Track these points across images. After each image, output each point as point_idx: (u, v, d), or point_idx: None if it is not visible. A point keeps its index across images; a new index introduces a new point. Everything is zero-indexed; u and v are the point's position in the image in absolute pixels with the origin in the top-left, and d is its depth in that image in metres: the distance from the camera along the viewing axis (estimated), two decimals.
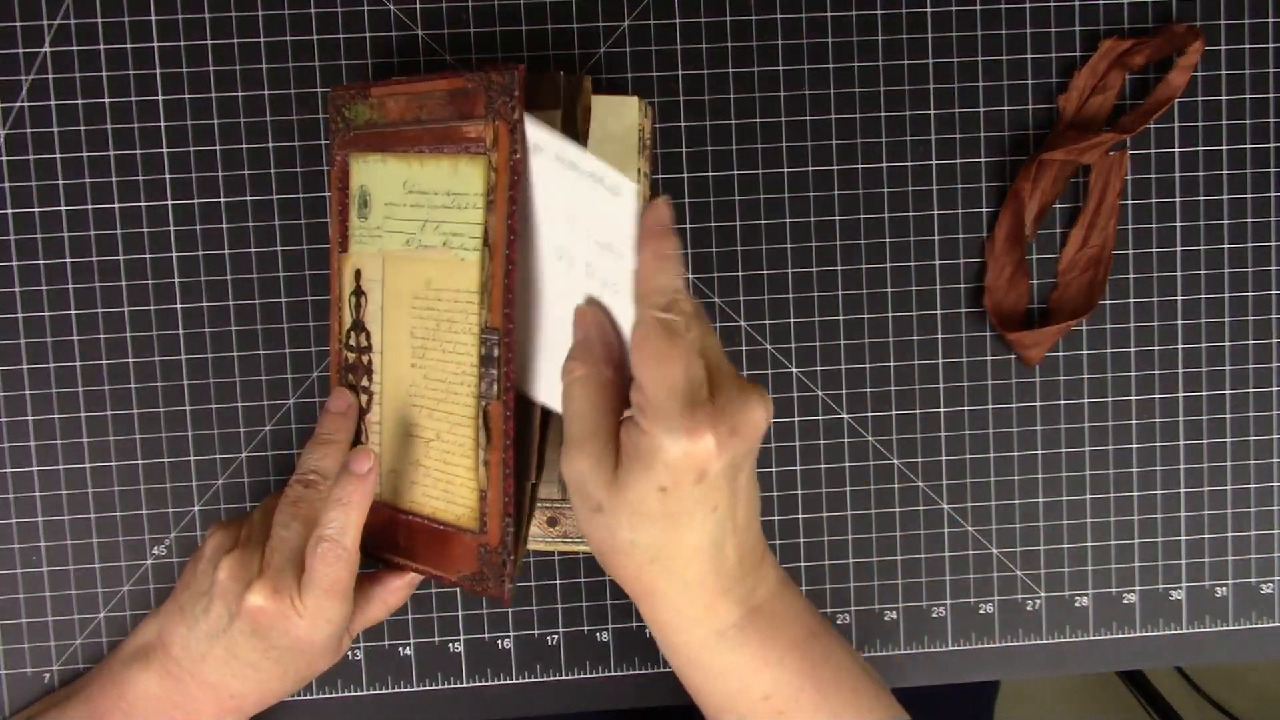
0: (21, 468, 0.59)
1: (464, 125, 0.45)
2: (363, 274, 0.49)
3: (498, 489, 0.45)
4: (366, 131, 0.51)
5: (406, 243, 0.47)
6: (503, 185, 0.44)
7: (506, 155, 0.44)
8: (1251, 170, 0.61)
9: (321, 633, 0.50)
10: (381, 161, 0.48)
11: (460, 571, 0.47)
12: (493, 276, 0.44)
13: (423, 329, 0.47)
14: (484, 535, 0.46)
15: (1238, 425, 0.62)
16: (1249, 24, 0.60)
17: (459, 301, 0.45)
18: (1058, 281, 0.61)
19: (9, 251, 0.58)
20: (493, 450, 0.44)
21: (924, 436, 0.61)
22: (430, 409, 0.47)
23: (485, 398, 0.45)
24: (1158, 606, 0.63)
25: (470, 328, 0.45)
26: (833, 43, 0.59)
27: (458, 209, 0.45)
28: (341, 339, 0.51)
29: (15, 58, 0.57)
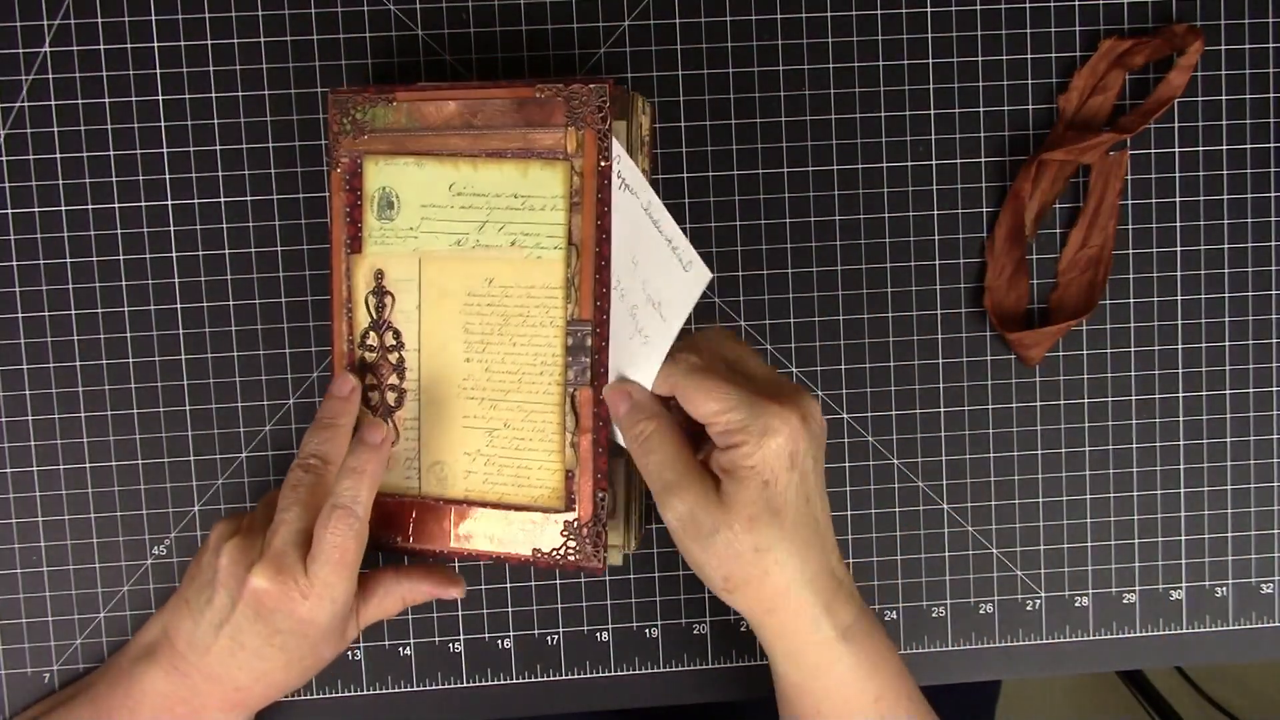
0: (21, 468, 0.59)
1: (535, 132, 0.49)
2: (387, 275, 0.51)
3: (588, 467, 0.49)
4: (391, 133, 0.51)
5: (458, 243, 0.50)
6: (590, 189, 0.48)
7: (595, 162, 0.48)
8: (1251, 170, 0.61)
9: (325, 612, 0.50)
10: (416, 164, 0.50)
11: (539, 551, 0.50)
12: (581, 273, 0.48)
13: (482, 324, 0.50)
14: (571, 513, 0.50)
15: (1238, 425, 0.62)
16: (1249, 24, 0.60)
17: (535, 297, 0.49)
18: (1058, 281, 0.61)
19: (9, 251, 0.58)
20: (582, 432, 0.49)
21: (924, 436, 0.61)
22: (495, 400, 0.50)
23: (574, 384, 0.49)
24: (1158, 606, 0.63)
25: (553, 320, 0.49)
26: (833, 43, 0.59)
27: (529, 210, 0.49)
28: (354, 340, 0.52)
29: (15, 58, 0.57)
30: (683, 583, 0.62)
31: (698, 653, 0.62)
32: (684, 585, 0.61)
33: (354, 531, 0.49)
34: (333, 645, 0.53)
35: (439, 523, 0.52)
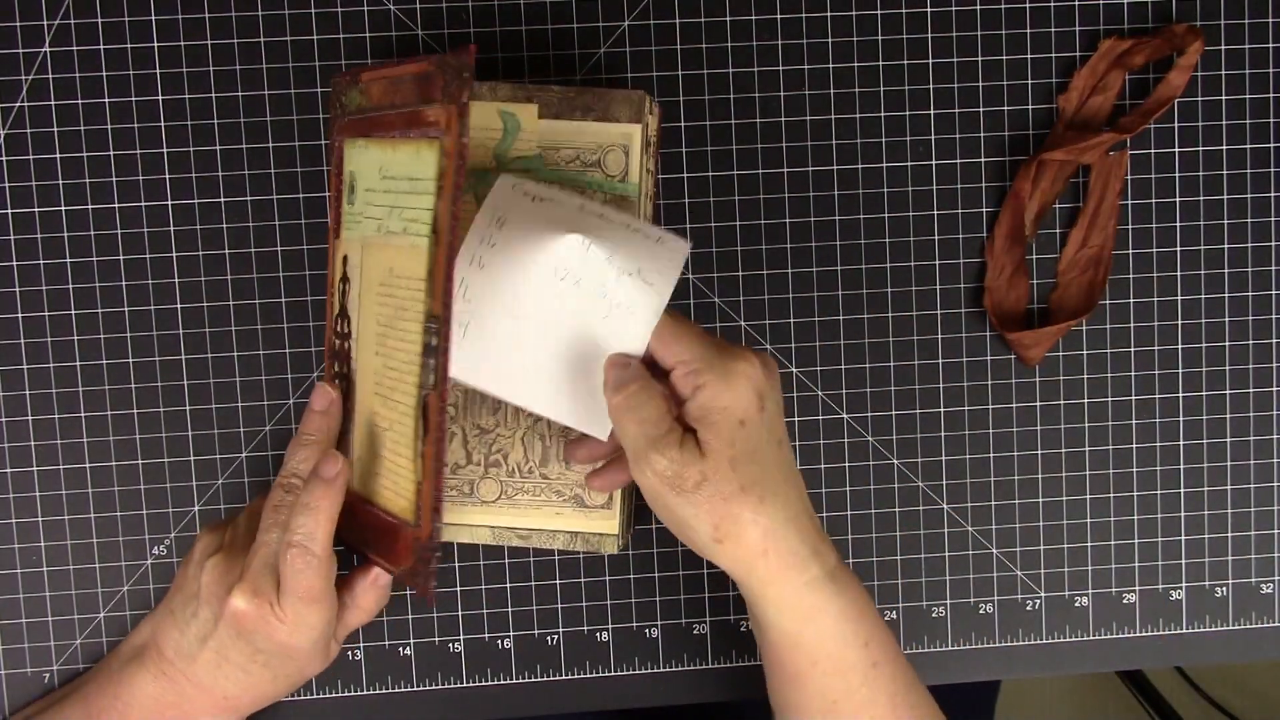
0: (21, 468, 0.59)
1: (426, 109, 0.45)
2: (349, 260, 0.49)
3: (431, 481, 0.44)
4: (357, 117, 0.51)
5: (378, 229, 0.47)
6: (450, 170, 0.43)
7: (455, 140, 0.43)
8: (1251, 170, 0.61)
9: (304, 639, 0.50)
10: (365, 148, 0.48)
11: (402, 565, 0.47)
12: (437, 263, 0.43)
13: (384, 316, 0.46)
14: (418, 529, 0.46)
15: (1238, 425, 0.62)
16: (1249, 24, 0.60)
17: (411, 289, 0.45)
18: (1058, 281, 0.61)
19: (9, 251, 0.58)
20: (428, 442, 0.44)
21: (924, 436, 0.61)
22: (386, 397, 0.47)
23: (424, 388, 0.44)
24: (1158, 606, 0.63)
25: (418, 315, 0.44)
26: (833, 43, 0.59)
27: (415, 194, 0.45)
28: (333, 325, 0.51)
29: (15, 58, 0.57)
30: (683, 583, 0.62)
31: (698, 653, 0.62)
32: (684, 585, 0.62)
33: (312, 568, 0.49)
34: (316, 663, 0.54)
35: (358, 521, 0.51)
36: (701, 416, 0.46)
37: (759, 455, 0.47)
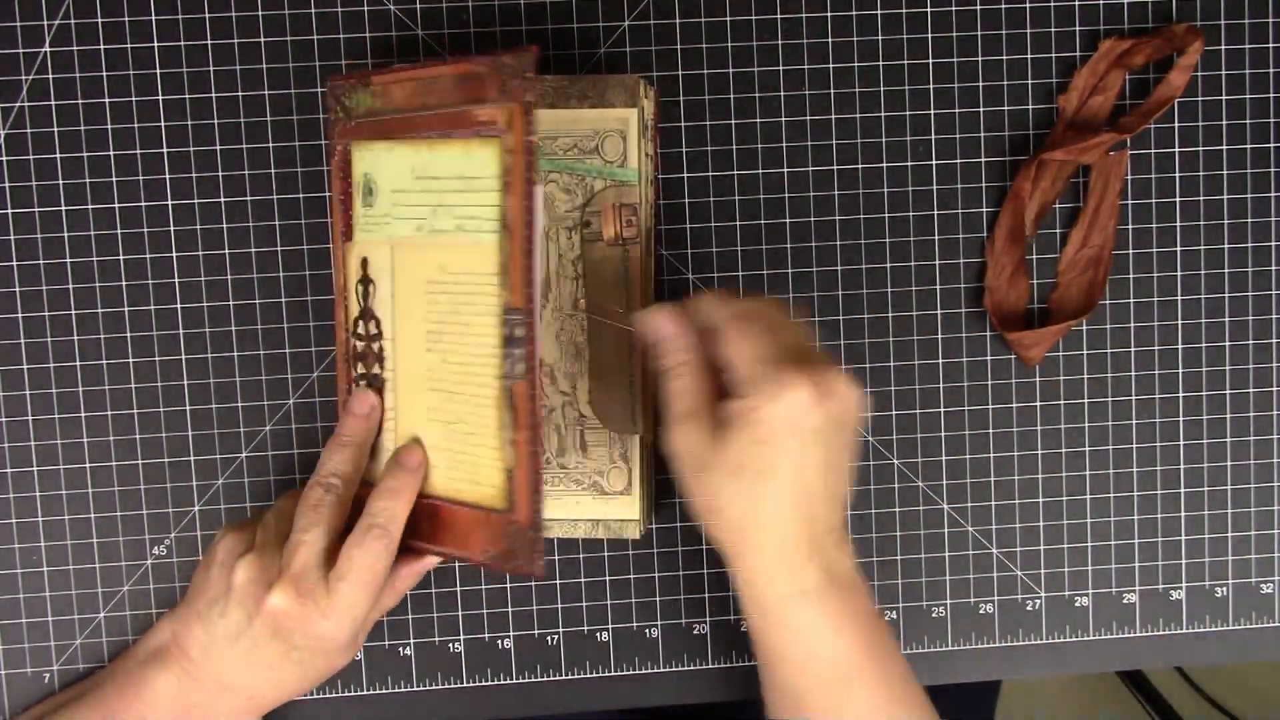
0: (21, 468, 0.59)
1: (474, 109, 0.46)
2: (370, 262, 0.50)
3: (525, 467, 0.45)
4: (369, 120, 0.51)
5: (417, 229, 0.48)
6: (519, 166, 0.44)
7: (521, 137, 0.45)
8: (1251, 170, 0.61)
9: (346, 630, 0.50)
10: (388, 149, 0.49)
11: (487, 551, 0.48)
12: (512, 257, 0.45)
13: (438, 314, 0.47)
14: (512, 514, 0.47)
15: (1238, 425, 0.62)
16: (1249, 24, 0.60)
17: (477, 284, 0.46)
18: (1058, 281, 0.61)
19: (9, 251, 0.58)
20: (519, 429, 0.45)
21: (924, 436, 0.61)
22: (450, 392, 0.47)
23: (510, 378, 0.45)
24: (1158, 606, 0.63)
25: (491, 309, 0.46)
26: (833, 43, 0.59)
27: (471, 192, 0.46)
28: (349, 328, 0.51)
29: (15, 58, 0.57)
30: (683, 582, 0.62)
31: (698, 653, 0.62)
32: (684, 585, 0.61)
33: (388, 552, 0.50)
34: (347, 655, 0.54)
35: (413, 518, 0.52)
36: (729, 420, 0.47)
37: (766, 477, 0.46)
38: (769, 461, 0.46)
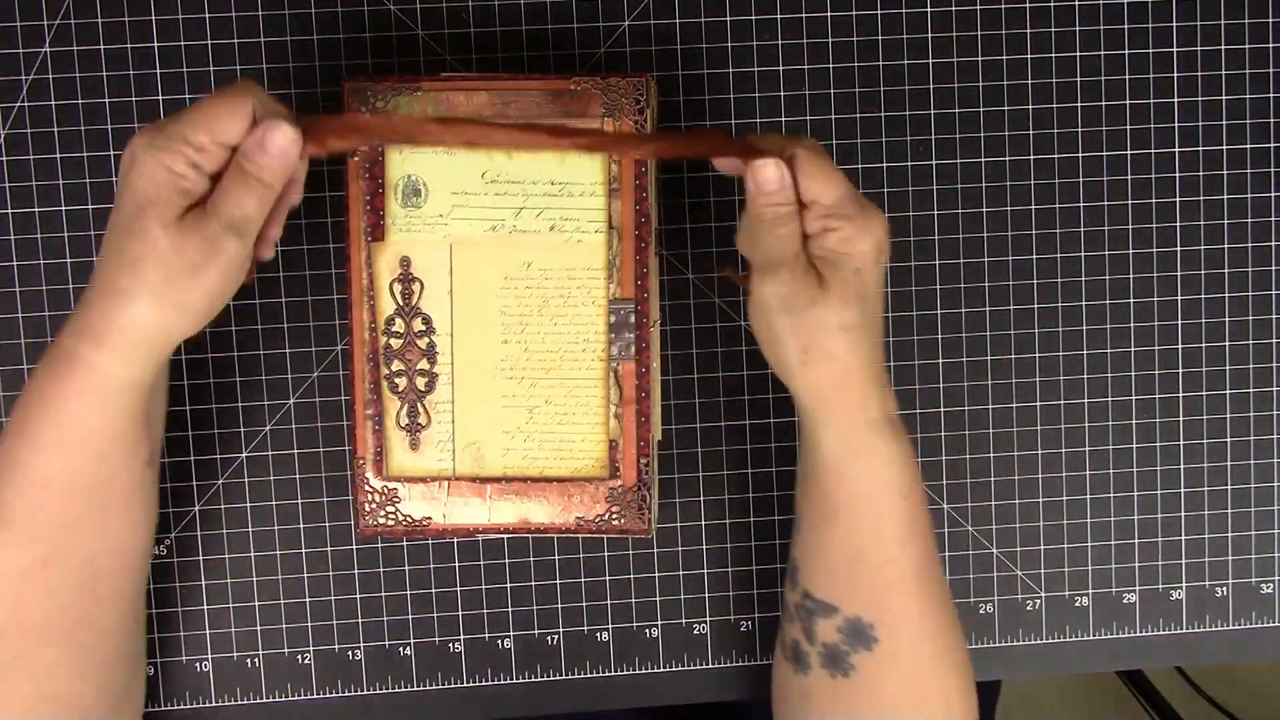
0: None
1: (572, 122, 0.51)
2: (414, 261, 0.53)
3: (631, 437, 0.53)
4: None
5: (493, 229, 0.52)
6: (628, 175, 0.52)
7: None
8: (1251, 170, 0.61)
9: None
10: (446, 152, 0.52)
11: (583, 516, 0.53)
12: (622, 255, 0.52)
13: (520, 306, 0.53)
14: (615, 480, 0.53)
15: (1238, 425, 0.62)
16: (1249, 24, 0.60)
17: (576, 278, 0.52)
18: None
19: (9, 251, 0.58)
20: (625, 404, 0.53)
21: (924, 437, 0.61)
22: (536, 379, 0.53)
23: (617, 359, 0.52)
24: (1158, 606, 0.63)
25: (595, 300, 0.52)
26: (833, 43, 0.59)
27: (568, 195, 0.52)
28: (379, 327, 0.53)
29: (15, 58, 0.57)
30: (683, 583, 0.62)
31: (698, 653, 0.62)
32: (684, 585, 0.62)
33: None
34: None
35: (474, 501, 0.54)
36: (825, 256, 0.49)
37: (866, 301, 0.50)
38: (867, 287, 0.50)
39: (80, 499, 0.49)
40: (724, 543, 0.61)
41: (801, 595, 0.53)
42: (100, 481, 0.49)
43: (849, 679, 0.51)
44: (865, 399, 0.50)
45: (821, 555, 0.52)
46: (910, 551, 0.51)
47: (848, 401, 0.50)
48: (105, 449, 0.49)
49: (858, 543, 0.51)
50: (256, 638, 0.60)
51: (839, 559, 0.51)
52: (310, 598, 0.60)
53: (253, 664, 0.60)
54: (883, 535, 0.51)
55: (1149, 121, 0.61)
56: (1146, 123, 0.61)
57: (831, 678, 0.52)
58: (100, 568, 0.50)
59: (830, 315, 0.49)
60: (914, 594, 0.51)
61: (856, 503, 0.50)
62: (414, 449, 0.54)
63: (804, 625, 0.53)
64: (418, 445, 0.54)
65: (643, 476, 0.53)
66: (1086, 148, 0.61)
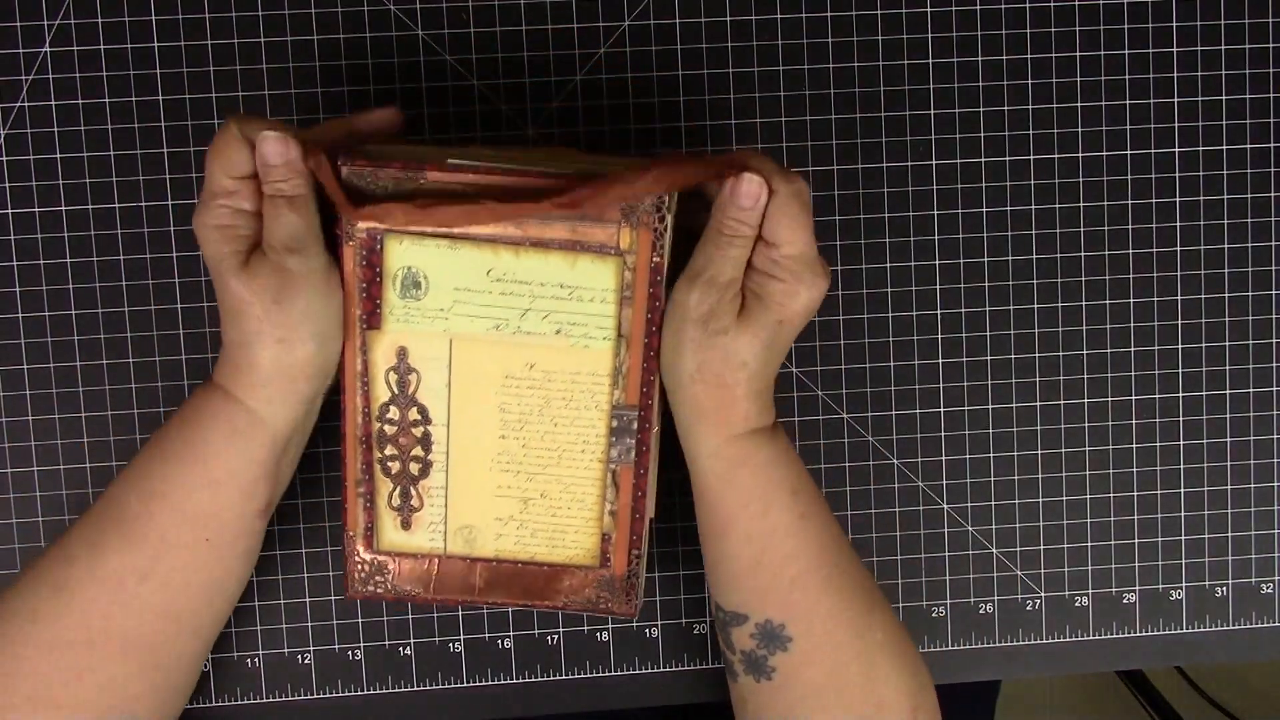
0: (22, 468, 0.59)
1: (586, 226, 0.48)
2: (410, 352, 0.51)
3: (625, 531, 0.53)
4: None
5: (496, 328, 0.50)
6: (642, 284, 0.49)
7: (648, 258, 0.49)
8: (1251, 170, 0.61)
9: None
10: (450, 247, 0.49)
11: (571, 598, 0.54)
12: (629, 362, 0.50)
13: (521, 405, 0.51)
14: (605, 569, 0.53)
15: (1238, 425, 0.62)
16: (1249, 24, 0.60)
17: (579, 382, 0.51)
18: None
19: (9, 251, 0.58)
20: (621, 505, 0.52)
21: (924, 436, 0.61)
22: (532, 474, 0.52)
23: (616, 462, 0.52)
24: (1158, 606, 0.63)
25: (598, 404, 0.51)
26: (833, 43, 0.59)
27: (577, 300, 0.50)
28: (372, 413, 0.51)
29: (15, 58, 0.57)
30: (683, 582, 0.62)
31: (698, 653, 0.62)
32: (684, 585, 0.62)
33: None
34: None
35: (463, 577, 0.54)
36: (762, 296, 0.49)
37: (773, 349, 0.50)
38: (783, 340, 0.50)
39: (187, 523, 0.50)
40: None
41: (714, 608, 0.54)
42: (209, 511, 0.50)
43: (773, 681, 0.52)
44: (745, 415, 0.50)
45: (724, 566, 0.52)
46: (809, 545, 0.51)
47: (726, 417, 0.50)
48: (222, 479, 0.50)
49: (755, 548, 0.51)
50: (257, 638, 0.60)
51: (740, 567, 0.51)
52: (310, 598, 0.60)
53: (253, 664, 0.60)
54: (777, 535, 0.51)
55: (1149, 121, 0.61)
56: (1146, 123, 0.61)
57: (757, 682, 0.53)
58: (190, 599, 0.51)
59: (739, 349, 0.49)
60: (819, 585, 0.51)
61: (747, 509, 0.51)
62: (405, 528, 0.53)
63: (723, 636, 0.54)
64: (409, 525, 0.53)
65: (633, 566, 0.53)
66: (1086, 148, 0.61)
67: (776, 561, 0.51)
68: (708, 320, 0.49)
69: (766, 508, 0.51)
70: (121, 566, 0.50)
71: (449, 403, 0.52)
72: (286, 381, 0.49)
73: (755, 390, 0.50)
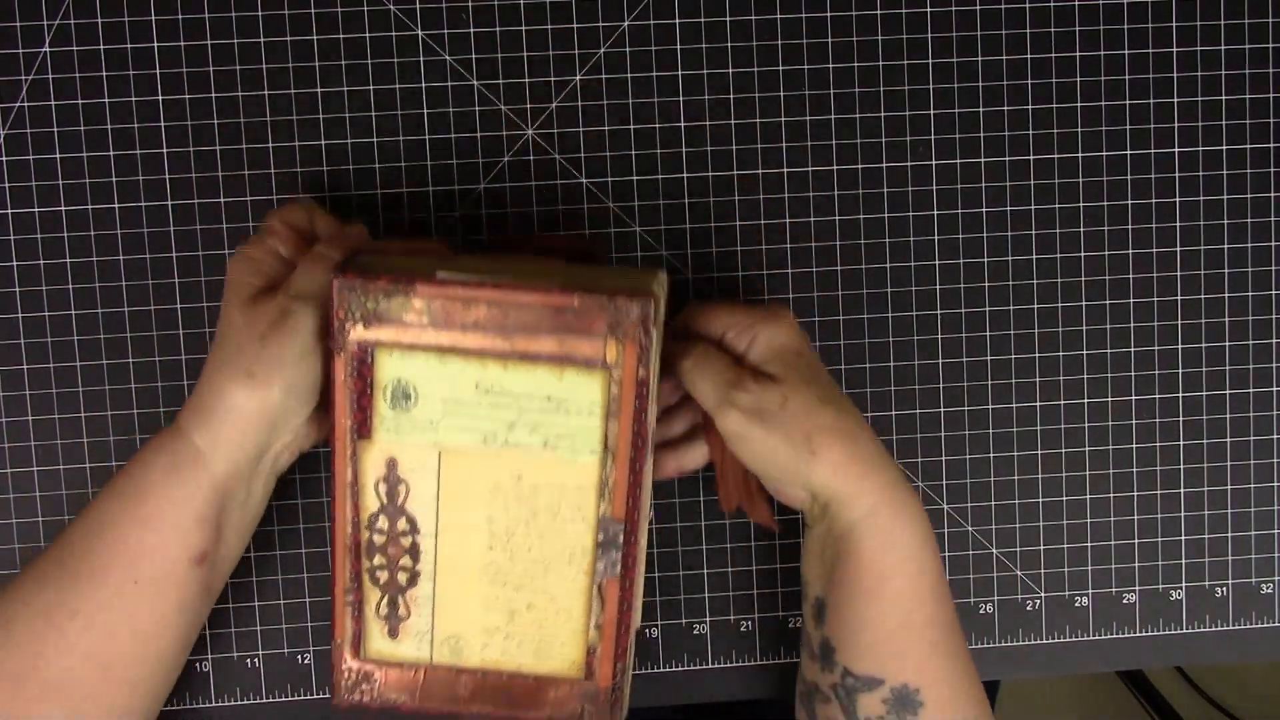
0: (21, 468, 0.59)
1: (573, 339, 0.48)
2: (400, 463, 0.51)
3: (610, 644, 0.52)
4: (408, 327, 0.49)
5: (484, 440, 0.50)
6: (628, 398, 0.49)
7: (634, 371, 0.49)
8: (1251, 170, 0.61)
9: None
10: (439, 360, 0.49)
11: (555, 710, 0.54)
12: (615, 476, 0.50)
13: (508, 517, 0.51)
14: (590, 681, 0.53)
15: (1238, 425, 0.62)
16: (1249, 24, 0.60)
17: (566, 495, 0.51)
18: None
19: (9, 251, 0.58)
20: (606, 616, 0.52)
21: (924, 436, 0.61)
22: (519, 585, 0.52)
23: (602, 575, 0.52)
24: (1158, 606, 0.63)
25: (584, 517, 0.51)
26: (832, 43, 0.59)
27: (564, 414, 0.49)
28: (361, 522, 0.52)
29: (15, 58, 0.57)
30: (683, 582, 0.62)
31: (698, 653, 0.62)
32: (684, 585, 0.62)
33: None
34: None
35: (449, 687, 0.54)
36: (765, 356, 0.51)
37: (820, 376, 0.52)
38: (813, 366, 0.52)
39: (116, 561, 0.50)
40: (724, 543, 0.61)
41: (840, 674, 0.52)
42: (138, 551, 0.50)
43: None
44: (882, 465, 0.51)
45: (866, 630, 0.51)
46: (946, 608, 0.52)
47: (864, 472, 0.50)
48: (154, 516, 0.49)
49: (904, 609, 0.50)
50: (256, 638, 0.60)
51: (884, 630, 0.50)
52: (310, 598, 0.60)
53: (253, 664, 0.60)
54: (926, 595, 0.51)
55: (1149, 121, 0.61)
56: (1146, 123, 0.61)
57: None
58: (118, 645, 0.50)
59: (805, 394, 0.50)
60: (952, 652, 0.51)
61: (901, 569, 0.50)
62: (392, 636, 0.53)
63: (843, 705, 0.52)
64: (396, 634, 0.53)
65: (618, 679, 0.53)
66: (1086, 148, 0.61)
67: (920, 623, 0.50)
68: (761, 410, 0.50)
69: (921, 567, 0.51)
70: (57, 601, 0.49)
71: (437, 513, 0.52)
72: (240, 420, 0.49)
73: (860, 424, 0.51)
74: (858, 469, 0.50)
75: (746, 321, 0.52)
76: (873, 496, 0.50)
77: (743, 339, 0.52)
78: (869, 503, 0.50)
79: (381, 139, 0.59)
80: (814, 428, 0.50)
